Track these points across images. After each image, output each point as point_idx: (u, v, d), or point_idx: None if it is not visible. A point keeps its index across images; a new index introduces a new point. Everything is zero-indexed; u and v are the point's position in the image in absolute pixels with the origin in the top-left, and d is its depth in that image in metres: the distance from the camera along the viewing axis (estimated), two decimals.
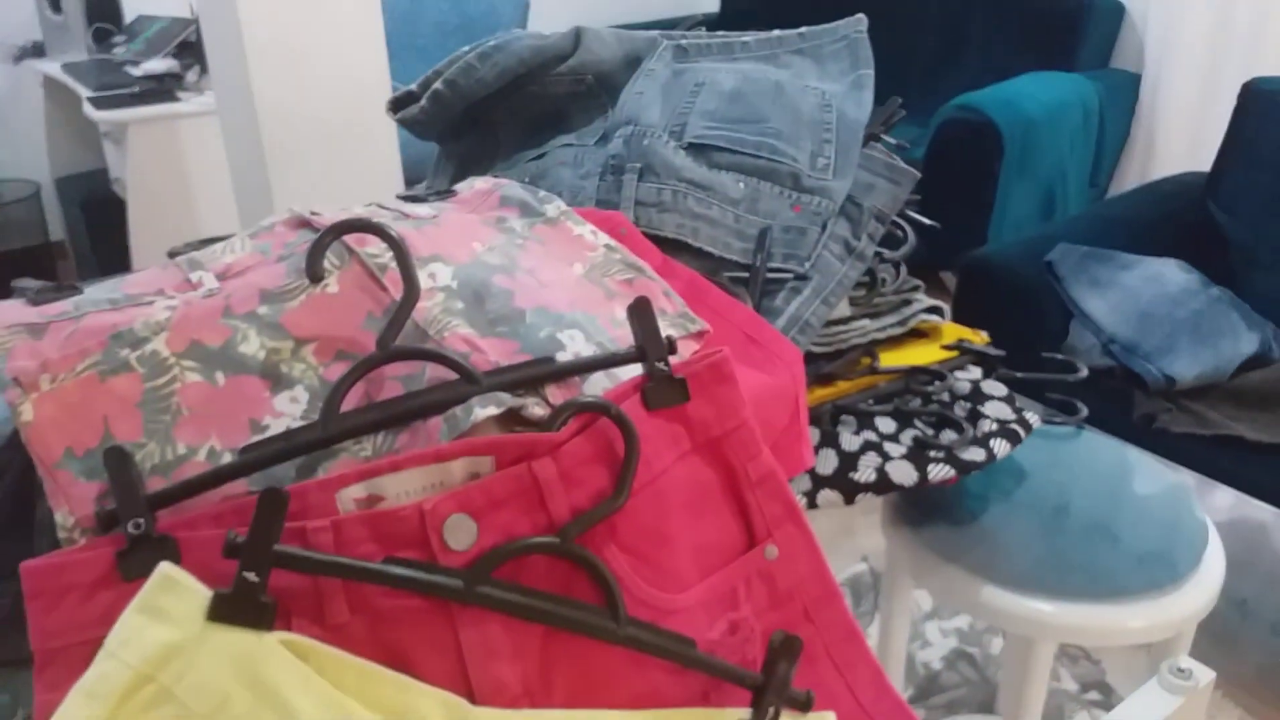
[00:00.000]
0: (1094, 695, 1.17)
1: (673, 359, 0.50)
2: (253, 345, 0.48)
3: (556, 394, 0.49)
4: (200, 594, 0.40)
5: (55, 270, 3.12)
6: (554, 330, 0.51)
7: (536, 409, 0.47)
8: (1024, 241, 1.82)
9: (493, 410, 0.46)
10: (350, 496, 0.43)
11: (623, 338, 0.53)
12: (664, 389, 0.49)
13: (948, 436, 0.73)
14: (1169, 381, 1.48)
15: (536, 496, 0.45)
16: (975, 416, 0.76)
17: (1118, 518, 0.80)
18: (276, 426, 0.46)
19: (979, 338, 0.86)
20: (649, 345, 0.49)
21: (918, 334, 0.86)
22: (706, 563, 0.49)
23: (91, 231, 2.79)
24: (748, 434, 0.50)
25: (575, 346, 0.51)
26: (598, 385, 0.50)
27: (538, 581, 0.44)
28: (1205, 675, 0.56)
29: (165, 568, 0.40)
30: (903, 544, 0.82)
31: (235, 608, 0.40)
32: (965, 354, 0.83)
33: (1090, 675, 1.22)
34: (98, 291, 0.49)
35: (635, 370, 0.50)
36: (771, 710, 0.45)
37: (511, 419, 0.48)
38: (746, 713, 0.45)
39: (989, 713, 1.04)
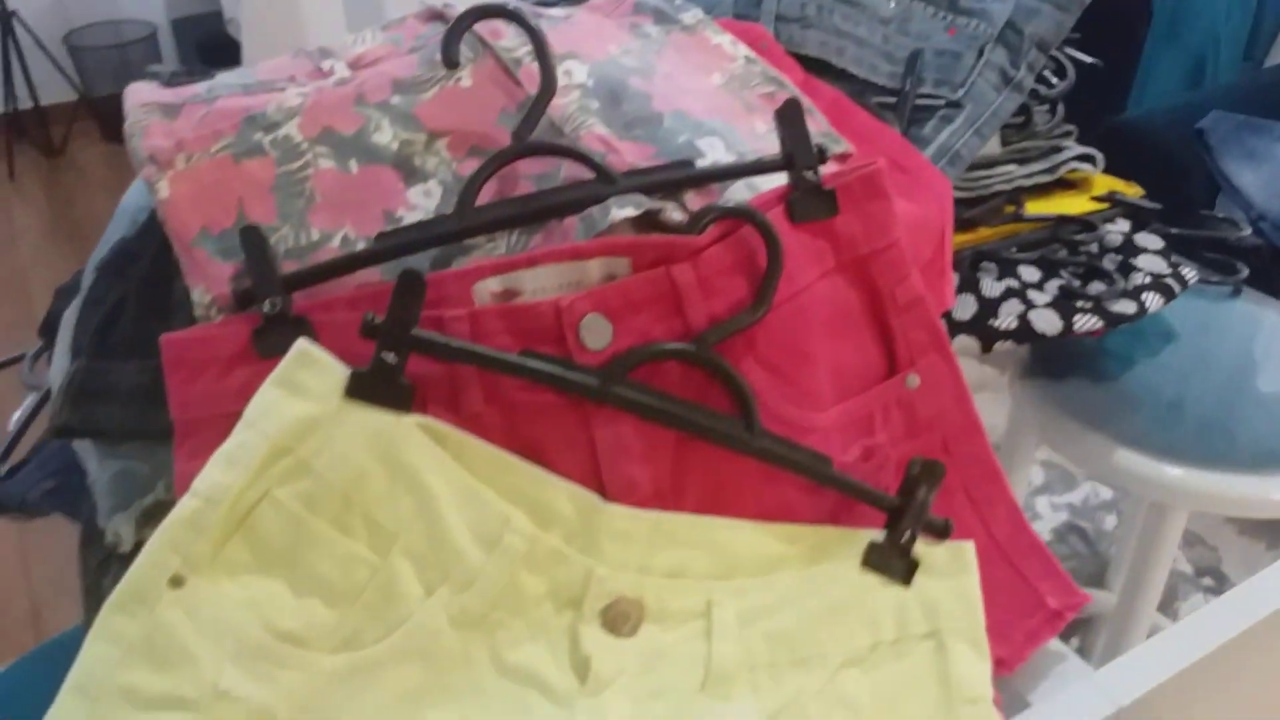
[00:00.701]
0: (1208, 581, 1.14)
1: (822, 170, 0.46)
2: (386, 135, 0.46)
3: (695, 201, 0.46)
4: (338, 371, 0.40)
5: None
6: (692, 137, 0.48)
7: (675, 214, 0.45)
8: (1171, 109, 1.69)
9: (630, 211, 0.44)
10: (487, 290, 0.42)
11: (763, 151, 0.50)
12: (811, 201, 0.46)
13: (1096, 288, 0.69)
14: None
15: (674, 302, 0.43)
16: (1126, 269, 0.71)
17: (1268, 385, 0.75)
18: (410, 218, 0.45)
19: (1132, 190, 0.80)
20: (797, 152, 0.46)
21: (1066, 184, 0.80)
22: (844, 386, 0.47)
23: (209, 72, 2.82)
24: (897, 255, 0.47)
25: (714, 155, 0.48)
26: (737, 195, 0.48)
27: (673, 387, 0.43)
28: None
29: (303, 343, 0.40)
30: (1031, 403, 0.78)
31: (373, 387, 0.39)
32: (1117, 206, 0.77)
33: (1206, 560, 1.18)
34: (229, 77, 0.48)
35: (778, 181, 0.47)
36: (908, 534, 0.43)
37: (648, 224, 0.45)
38: (880, 534, 0.44)
39: (1100, 587, 1.02)
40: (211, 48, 2.73)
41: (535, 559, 0.41)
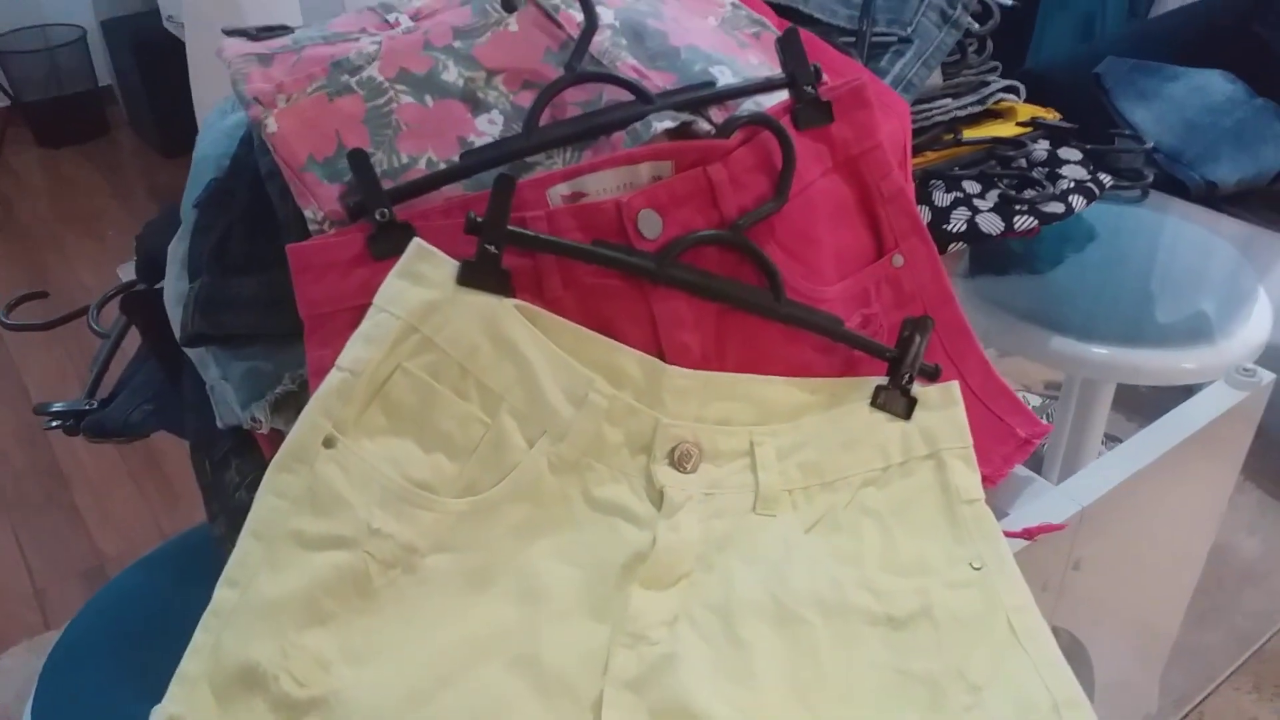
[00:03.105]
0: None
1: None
2: (452, 74, 0.54)
3: (717, 115, 0.55)
4: (450, 263, 0.48)
5: (106, 117, 3.14)
6: (706, 66, 0.58)
7: (703, 125, 0.54)
8: (1068, 59, 1.83)
9: (669, 123, 0.53)
10: (558, 193, 0.51)
11: (762, 78, 0.59)
12: (811, 111, 0.55)
13: (1029, 194, 0.80)
14: (1210, 186, 1.53)
15: (710, 196, 0.52)
16: (1054, 178, 0.83)
17: (1176, 276, 0.88)
18: (480, 143, 0.53)
19: (1052, 114, 0.92)
20: (798, 72, 0.55)
21: (994, 113, 0.92)
22: (845, 266, 0.57)
23: (145, 75, 2.78)
24: (881, 155, 0.57)
25: (725, 80, 0.57)
26: (749, 111, 0.57)
27: (711, 268, 0.52)
28: (1267, 376, 0.65)
29: (418, 241, 0.48)
30: (974, 299, 0.90)
31: (479, 274, 0.48)
32: (1040, 129, 0.89)
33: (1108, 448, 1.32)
34: (308, 32, 0.56)
35: (779, 99, 0.57)
36: (907, 377, 0.53)
37: (681, 135, 0.55)
38: (884, 380, 0.54)
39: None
40: (150, 45, 2.70)
41: (613, 413, 0.49)
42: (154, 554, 0.68)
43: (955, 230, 0.76)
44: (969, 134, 0.88)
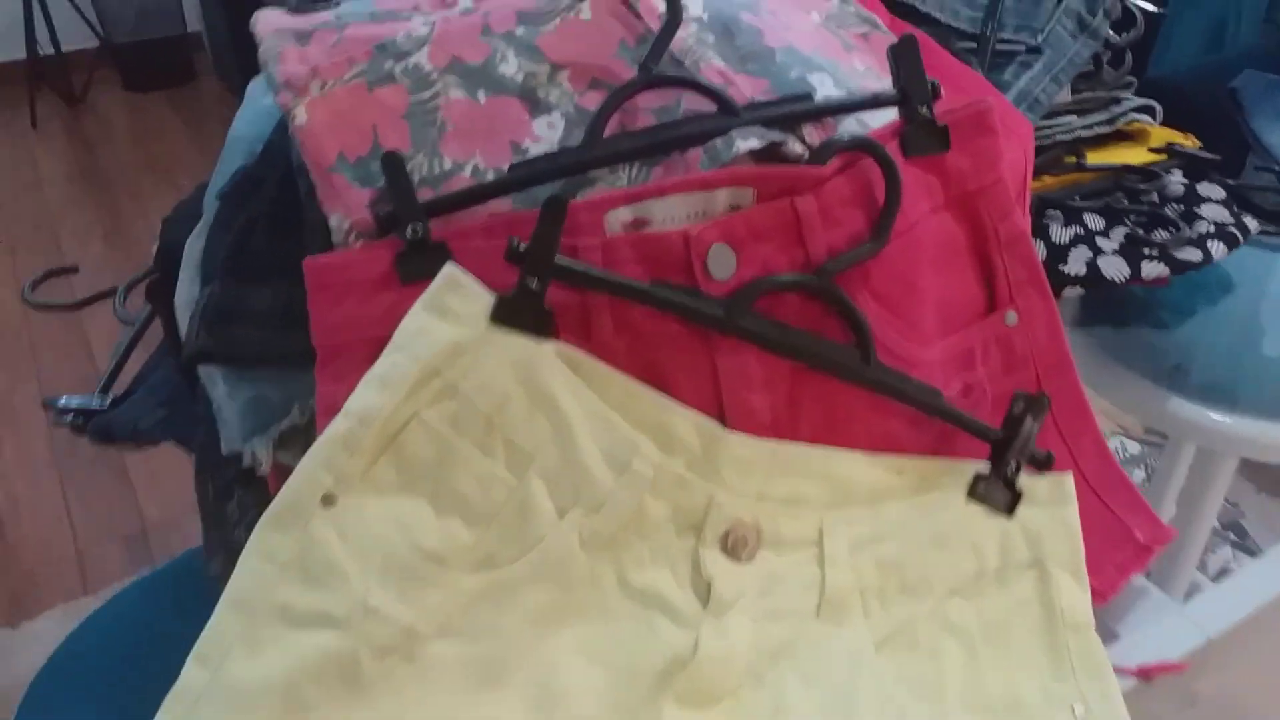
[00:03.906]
0: (1233, 536, 1.16)
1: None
2: (511, 66, 0.47)
3: (813, 134, 0.47)
4: (484, 296, 0.41)
5: (193, 63, 3.15)
6: (804, 72, 0.49)
7: (795, 146, 0.46)
8: (1197, 69, 1.69)
9: (754, 143, 0.45)
10: (618, 219, 0.43)
11: (866, 88, 0.51)
12: (924, 136, 0.47)
13: (1160, 235, 0.70)
14: None
15: (796, 232, 0.44)
16: (1190, 218, 0.72)
17: None
18: (535, 150, 0.46)
19: (1190, 141, 0.81)
20: (912, 88, 0.47)
21: (1124, 135, 0.81)
22: (948, 321, 0.49)
23: (233, 23, 2.77)
24: (1002, 192, 0.49)
25: (825, 90, 0.49)
26: (848, 129, 0.49)
27: (790, 317, 0.44)
28: None
29: (450, 268, 0.41)
30: (1085, 348, 0.80)
31: (517, 312, 0.41)
32: (1176, 158, 0.78)
33: (1228, 515, 1.21)
34: (355, 4, 0.49)
35: (887, 118, 0.48)
36: (1012, 465, 0.45)
37: (768, 156, 0.47)
38: (984, 465, 0.45)
39: None
40: None
41: (660, 484, 0.42)
42: (152, 576, 0.63)
43: (1074, 273, 0.67)
44: (1094, 158, 0.78)
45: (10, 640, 1.37)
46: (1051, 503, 0.46)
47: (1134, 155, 0.79)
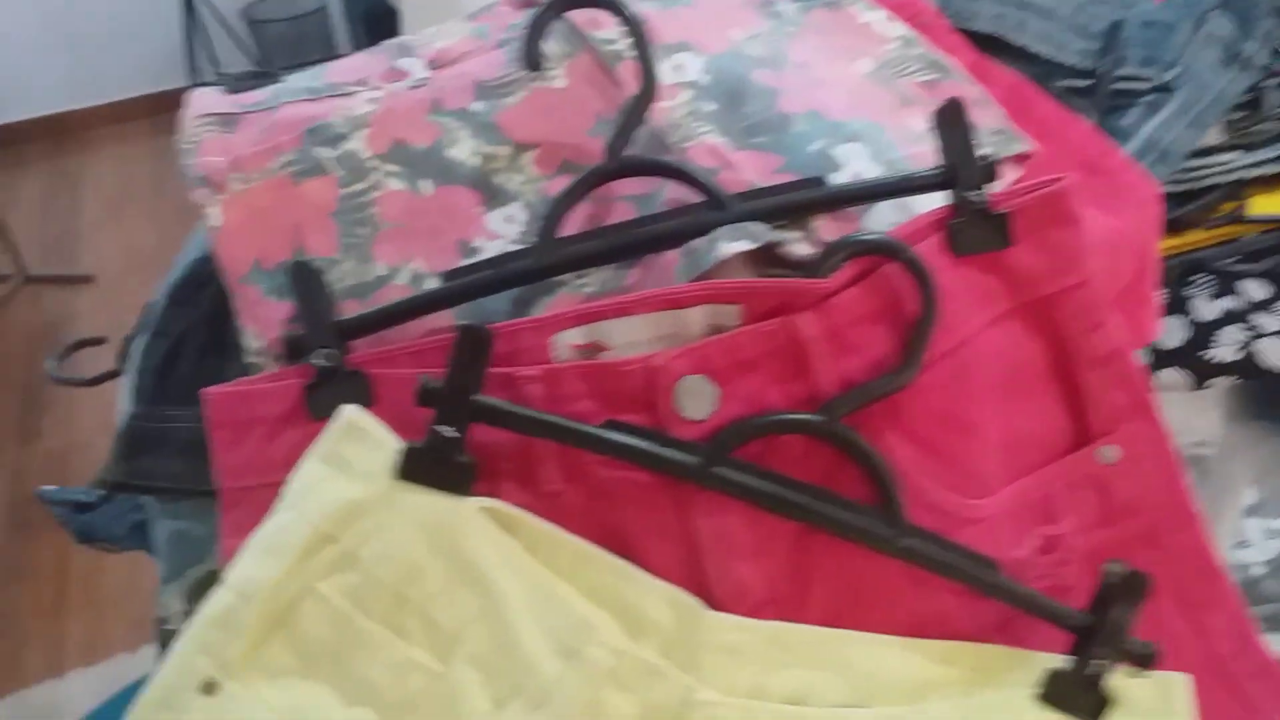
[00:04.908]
0: None
1: (992, 187, 0.37)
2: (464, 149, 0.39)
3: (828, 228, 0.37)
4: (389, 446, 0.33)
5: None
6: (828, 144, 0.39)
7: (800, 246, 0.36)
8: None
9: (744, 245, 0.35)
10: (568, 342, 0.35)
11: (919, 157, 0.40)
12: (978, 228, 0.36)
13: None
14: None
15: (795, 361, 0.34)
16: None
17: None
18: (489, 250, 0.38)
19: None
20: (960, 166, 0.36)
21: None
22: (1019, 461, 0.38)
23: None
24: (1089, 296, 0.37)
25: (855, 166, 0.39)
26: (883, 219, 0.39)
27: (792, 468, 0.35)
28: None
29: (349, 412, 0.34)
30: (1246, 441, 0.65)
31: (429, 466, 0.33)
32: None
33: None
34: (299, 79, 0.43)
35: (938, 201, 0.38)
36: (1100, 661, 0.34)
37: (767, 258, 0.37)
38: (1063, 659, 0.34)
39: None
40: (375, 19, 2.76)
41: (623, 675, 0.33)
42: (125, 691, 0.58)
43: (1223, 360, 0.53)
44: (1259, 206, 0.63)
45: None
46: (1155, 713, 0.34)
47: None
